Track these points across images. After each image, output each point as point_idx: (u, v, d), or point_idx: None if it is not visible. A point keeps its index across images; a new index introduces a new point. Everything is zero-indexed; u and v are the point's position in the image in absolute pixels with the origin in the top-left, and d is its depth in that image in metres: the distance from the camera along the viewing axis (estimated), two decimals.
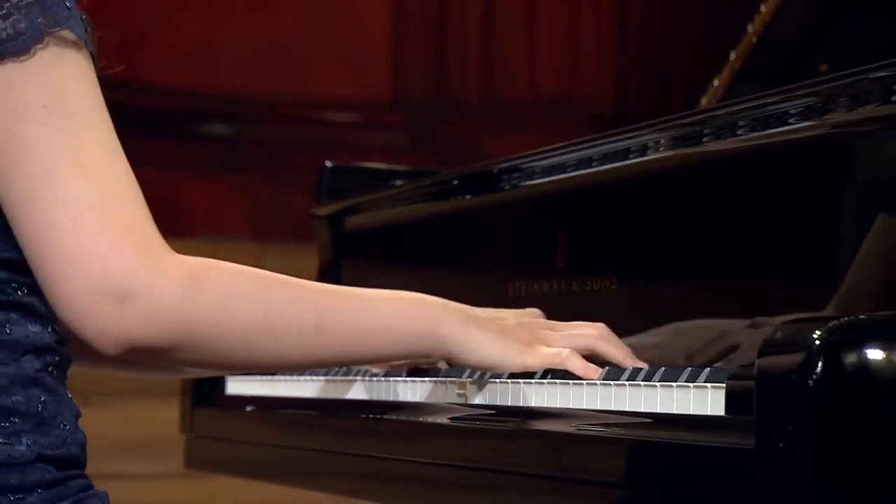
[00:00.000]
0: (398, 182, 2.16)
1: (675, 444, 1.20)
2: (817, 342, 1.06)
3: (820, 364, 1.05)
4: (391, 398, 1.63)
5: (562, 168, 1.68)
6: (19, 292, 1.31)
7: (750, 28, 2.17)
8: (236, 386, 1.98)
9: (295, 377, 1.83)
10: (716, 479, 1.15)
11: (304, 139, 5.98)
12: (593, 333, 1.45)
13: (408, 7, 6.55)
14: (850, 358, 1.06)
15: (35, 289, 1.31)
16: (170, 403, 2.36)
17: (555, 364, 1.41)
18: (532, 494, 1.39)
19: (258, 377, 1.92)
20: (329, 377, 1.75)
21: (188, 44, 6.11)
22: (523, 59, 6.59)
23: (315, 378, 1.78)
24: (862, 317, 1.10)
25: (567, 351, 1.42)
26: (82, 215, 1.24)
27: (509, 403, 1.44)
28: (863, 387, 1.06)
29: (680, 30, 6.58)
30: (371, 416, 1.65)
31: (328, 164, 2.16)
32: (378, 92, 6.31)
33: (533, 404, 1.41)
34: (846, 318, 1.08)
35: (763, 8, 2.14)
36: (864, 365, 1.06)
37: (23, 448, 1.28)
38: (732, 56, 2.19)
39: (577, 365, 1.40)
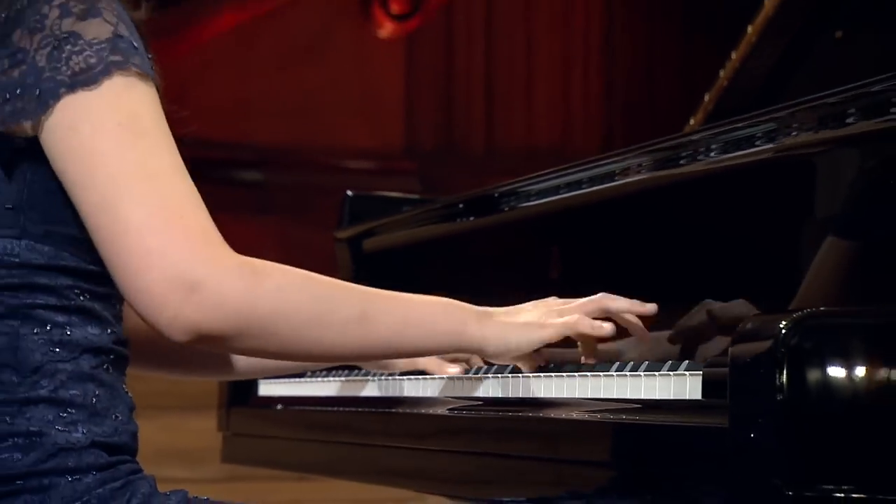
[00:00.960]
0: (409, 208, 2.16)
1: (659, 425, 1.21)
2: (783, 331, 1.06)
3: (785, 350, 1.06)
4: (401, 394, 1.64)
5: (555, 190, 1.68)
6: (81, 298, 1.31)
7: (721, 73, 2.17)
8: (267, 388, 1.99)
9: (318, 379, 1.83)
10: (696, 456, 1.15)
11: (326, 184, 5.96)
12: (599, 297, 1.45)
13: (419, 67, 6.57)
14: (810, 344, 1.06)
15: (96, 294, 1.32)
16: (207, 415, 2.36)
17: (568, 327, 1.41)
18: (531, 477, 1.39)
19: (286, 379, 1.93)
20: (346, 378, 1.76)
21: (224, 100, 6.13)
22: (521, 113, 6.61)
23: (335, 379, 1.79)
24: (820, 309, 1.10)
25: (577, 316, 1.42)
26: (155, 218, 1.24)
27: (510, 395, 1.45)
28: (821, 369, 1.06)
29: (660, 84, 6.59)
30: (382, 410, 1.66)
31: (349, 193, 2.17)
32: (392, 142, 6.33)
33: (533, 395, 1.42)
34: (807, 311, 1.08)
35: (733, 55, 2.15)
36: (822, 350, 1.07)
37: (79, 435, 1.29)
38: (706, 98, 2.20)
39: (586, 325, 1.41)
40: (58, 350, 1.30)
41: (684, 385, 1.22)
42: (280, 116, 6.26)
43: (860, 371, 1.07)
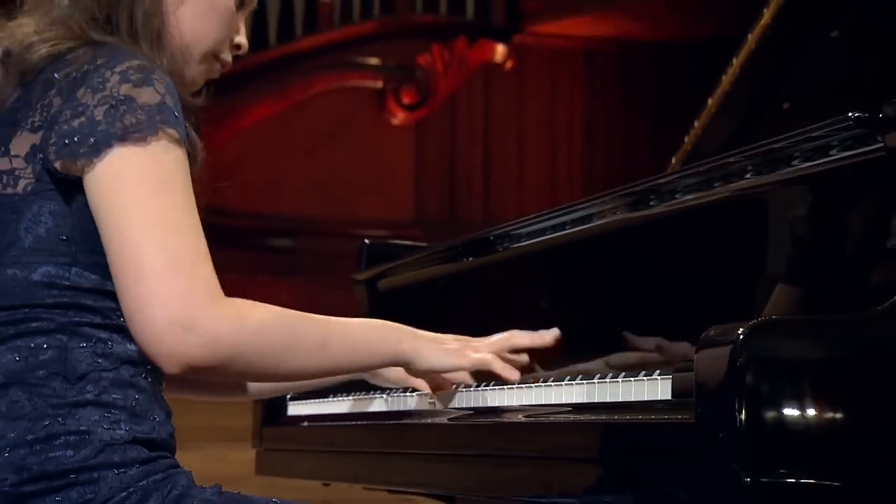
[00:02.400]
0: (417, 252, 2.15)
1: (635, 423, 1.19)
2: (741, 336, 1.06)
3: (742, 352, 1.05)
4: (401, 408, 1.65)
5: (542, 232, 1.68)
6: (121, 319, 1.30)
7: (686, 139, 2.18)
8: (294, 408, 1.98)
9: (337, 398, 1.83)
10: (667, 448, 1.14)
11: (346, 251, 5.98)
12: (509, 334, 1.49)
13: (426, 150, 6.61)
14: (763, 347, 1.06)
15: None
16: (243, 447, 2.35)
17: (481, 364, 1.45)
18: (526, 473, 1.37)
19: (311, 400, 1.92)
20: (359, 396, 1.76)
21: (259, 178, 6.16)
22: (514, 189, 6.64)
23: (350, 398, 1.79)
24: (772, 318, 1.10)
25: (491, 356, 1.45)
26: (167, 265, 1.25)
27: (514, 404, 1.45)
28: (772, 369, 1.06)
29: (633, 166, 6.62)
30: (387, 421, 1.66)
31: (366, 241, 2.17)
32: (403, 214, 6.36)
33: (526, 402, 1.41)
34: (760, 320, 1.08)
35: (696, 123, 2.15)
36: (773, 352, 1.06)
37: (122, 432, 1.28)
38: (673, 161, 2.20)
39: (498, 365, 1.44)
40: (101, 361, 1.30)
41: (656, 388, 1.21)
42: (307, 192, 6.29)
43: (806, 370, 1.06)
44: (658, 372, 1.23)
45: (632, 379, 1.25)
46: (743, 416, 1.05)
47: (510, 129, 6.76)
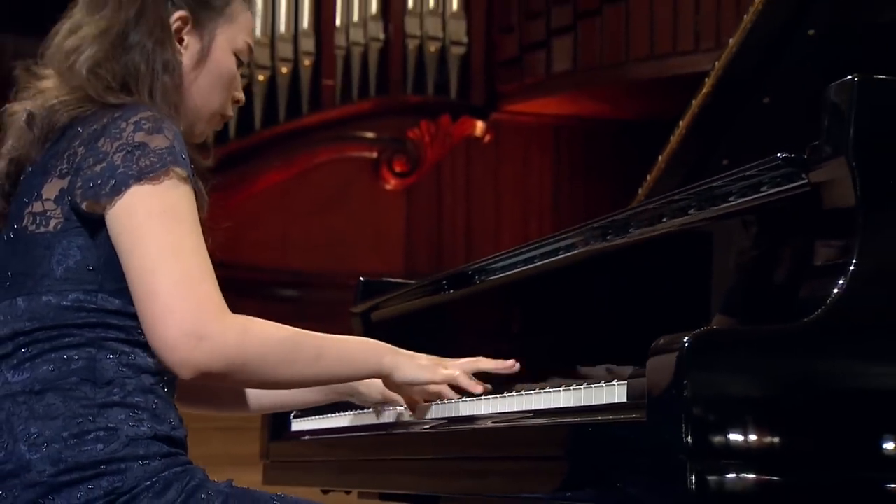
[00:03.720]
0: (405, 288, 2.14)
1: (593, 423, 1.19)
2: (686, 344, 1.06)
3: (688, 357, 1.05)
4: (389, 420, 1.64)
5: (514, 266, 1.69)
6: (142, 336, 1.32)
7: (640, 190, 2.19)
8: (297, 424, 1.97)
9: (334, 415, 1.82)
10: (623, 444, 1.13)
11: (345, 299, 5.95)
12: (476, 358, 1.48)
13: (415, 212, 6.62)
14: (705, 352, 1.06)
15: None
16: (253, 471, 2.32)
17: (449, 379, 1.46)
18: (489, 473, 1.37)
19: (311, 417, 1.91)
20: (354, 412, 1.75)
21: (270, 236, 6.16)
22: (491, 245, 6.62)
23: (345, 413, 1.78)
24: (713, 328, 1.10)
25: (458, 372, 1.46)
26: (178, 286, 1.27)
27: (490, 412, 1.44)
28: (713, 371, 1.06)
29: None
30: (377, 432, 1.65)
31: (361, 279, 2.17)
32: (395, 268, 6.34)
33: (481, 412, 1.42)
34: (702, 329, 1.08)
35: (648, 177, 2.16)
36: (713, 355, 1.06)
37: (144, 429, 1.29)
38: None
39: (465, 381, 1.45)
40: (125, 369, 1.31)
41: (613, 393, 1.21)
42: (312, 249, 6.29)
43: (742, 372, 1.07)
44: (615, 380, 1.23)
45: (592, 386, 1.25)
46: (686, 413, 1.05)
47: (488, 194, 6.78)
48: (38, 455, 1.26)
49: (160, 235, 1.27)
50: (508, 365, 1.48)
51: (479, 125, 6.68)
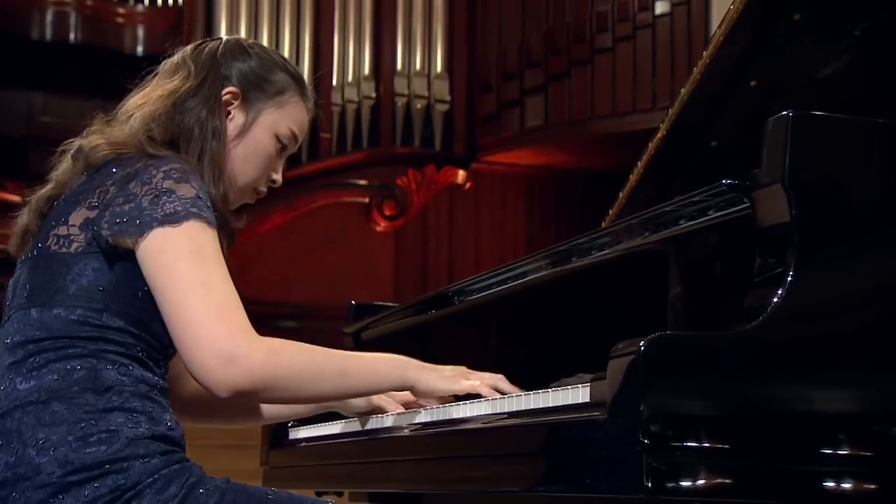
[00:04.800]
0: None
1: (561, 421, 1.18)
2: (642, 347, 1.07)
3: (644, 359, 1.06)
4: (379, 426, 1.62)
5: (489, 287, 1.69)
6: (139, 353, 1.33)
7: (602, 223, 2.19)
8: (294, 433, 1.94)
9: (327, 423, 1.80)
10: (585, 439, 1.13)
11: (340, 329, 5.93)
12: (499, 377, 1.44)
13: (403, 252, 6.62)
14: (659, 354, 1.06)
15: (148, 353, 1.34)
16: (255, 482, 2.29)
17: (474, 390, 1.42)
18: (468, 470, 1.35)
19: (307, 426, 1.89)
20: (345, 420, 1.74)
21: (272, 273, 6.14)
22: None
23: (338, 422, 1.76)
24: (667, 333, 1.10)
25: (479, 383, 1.42)
26: (209, 316, 1.26)
27: (466, 415, 1.42)
28: (666, 370, 1.06)
29: None
30: (372, 438, 1.63)
31: (353, 302, 2.17)
32: (384, 301, 6.31)
33: (461, 416, 1.40)
34: (657, 334, 1.08)
35: (610, 211, 2.17)
36: (666, 357, 1.07)
37: (142, 430, 1.29)
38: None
39: (486, 391, 1.41)
40: (123, 378, 1.31)
41: (578, 394, 1.20)
42: (310, 284, 6.27)
43: (692, 371, 1.07)
44: (580, 384, 1.23)
45: (559, 389, 1.24)
46: (642, 409, 1.05)
47: (469, 236, 6.79)
48: (47, 458, 1.25)
49: (189, 270, 1.27)
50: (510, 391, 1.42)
51: (461, 174, 6.71)
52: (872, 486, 1.11)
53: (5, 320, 1.37)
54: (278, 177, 1.52)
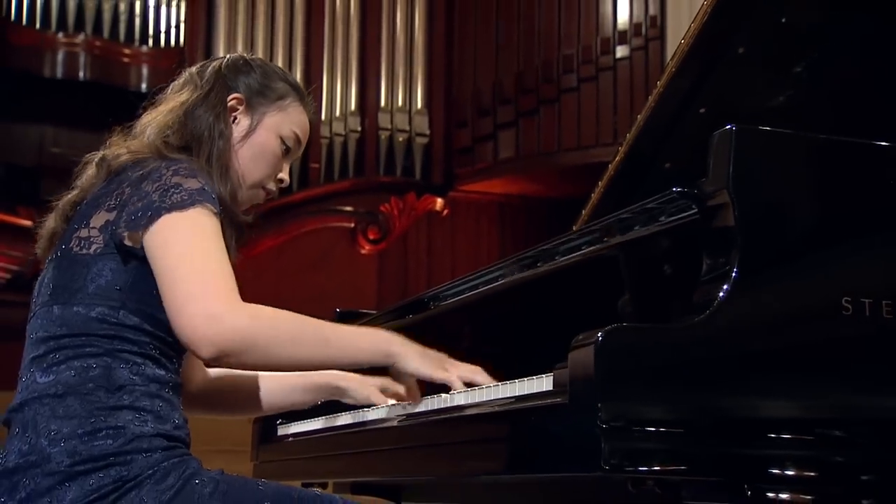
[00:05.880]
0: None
1: (528, 408, 1.18)
2: (600, 337, 1.07)
3: (601, 348, 1.06)
4: (366, 419, 1.60)
5: (462, 291, 1.69)
6: (153, 351, 1.32)
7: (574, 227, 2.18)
8: (281, 429, 1.93)
9: (312, 419, 1.79)
10: (550, 422, 1.13)
11: None
12: (476, 369, 1.41)
13: (386, 273, 6.60)
14: (615, 343, 1.07)
15: (162, 351, 1.32)
16: None
17: (449, 383, 1.37)
18: (443, 457, 1.34)
19: (294, 422, 1.88)
20: (329, 416, 1.72)
21: (264, 293, 6.08)
22: None
23: (321, 418, 1.75)
24: (622, 325, 1.10)
25: (457, 378, 1.37)
26: (200, 281, 1.25)
27: (435, 407, 1.42)
28: (622, 360, 1.07)
29: None
30: (356, 430, 1.61)
31: (337, 309, 2.15)
32: None
33: (451, 404, 1.38)
34: (614, 325, 1.08)
35: (574, 227, 2.17)
36: (621, 345, 1.07)
37: (148, 428, 1.27)
38: None
39: (458, 386, 1.37)
40: (135, 378, 1.29)
41: (542, 383, 1.20)
42: (300, 302, 6.18)
43: (644, 359, 1.07)
44: (544, 374, 1.23)
45: (525, 379, 1.24)
46: (600, 393, 1.05)
47: (446, 258, 6.79)
48: (57, 449, 1.24)
49: (186, 241, 1.27)
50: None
51: (439, 201, 6.72)
52: (812, 474, 1.11)
53: (31, 316, 1.36)
54: (285, 176, 1.52)
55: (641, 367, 1.07)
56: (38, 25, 7.15)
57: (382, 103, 6.74)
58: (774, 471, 1.09)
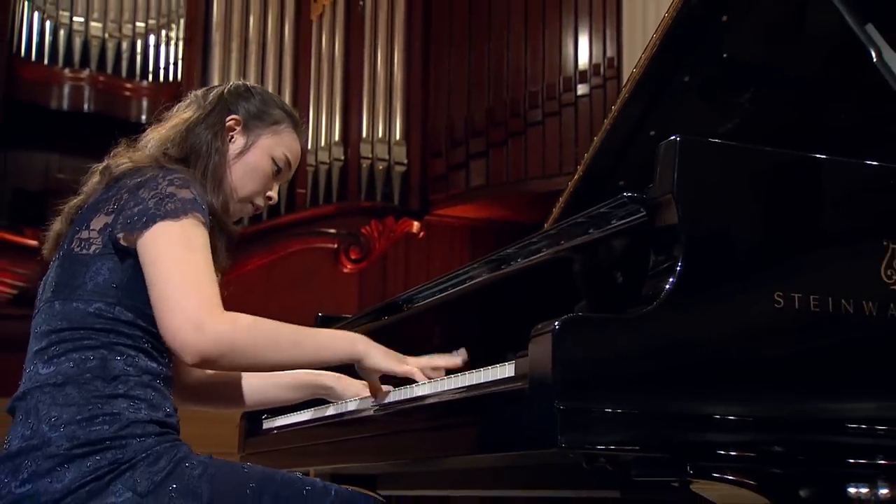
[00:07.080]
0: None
1: (490, 393, 1.18)
2: (557, 326, 1.07)
3: (558, 336, 1.06)
4: (344, 410, 1.60)
5: (434, 293, 1.69)
6: (146, 344, 1.31)
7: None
8: (267, 423, 1.92)
9: (296, 413, 1.78)
10: (510, 406, 1.13)
11: None
12: (431, 357, 1.44)
13: (367, 291, 6.56)
14: (571, 332, 1.07)
15: (153, 345, 1.32)
16: None
17: (409, 374, 1.41)
18: (417, 441, 1.34)
19: (278, 416, 1.86)
20: (313, 409, 1.71)
21: (252, 310, 6.03)
22: None
23: (305, 411, 1.74)
24: (578, 315, 1.10)
25: (416, 368, 1.41)
26: (185, 291, 1.25)
27: (408, 396, 1.42)
28: (577, 347, 1.07)
29: None
30: (335, 421, 1.61)
31: (319, 314, 2.14)
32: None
33: (418, 394, 1.39)
34: (570, 315, 1.09)
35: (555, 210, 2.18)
36: (577, 334, 1.08)
37: (142, 415, 1.27)
38: None
39: (420, 377, 1.40)
40: (129, 369, 1.29)
41: (504, 370, 1.21)
42: (287, 317, 6.08)
43: (598, 345, 1.08)
44: (506, 363, 1.23)
45: (489, 367, 1.25)
46: (556, 377, 1.06)
47: (422, 277, 6.76)
48: (57, 434, 1.24)
49: (175, 253, 1.27)
50: (458, 361, 1.43)
51: (416, 225, 6.73)
52: (751, 454, 1.11)
53: (36, 312, 1.37)
54: (273, 194, 1.53)
55: (595, 354, 1.08)
56: (46, 61, 7.13)
57: (364, 134, 6.76)
58: (718, 451, 1.09)
